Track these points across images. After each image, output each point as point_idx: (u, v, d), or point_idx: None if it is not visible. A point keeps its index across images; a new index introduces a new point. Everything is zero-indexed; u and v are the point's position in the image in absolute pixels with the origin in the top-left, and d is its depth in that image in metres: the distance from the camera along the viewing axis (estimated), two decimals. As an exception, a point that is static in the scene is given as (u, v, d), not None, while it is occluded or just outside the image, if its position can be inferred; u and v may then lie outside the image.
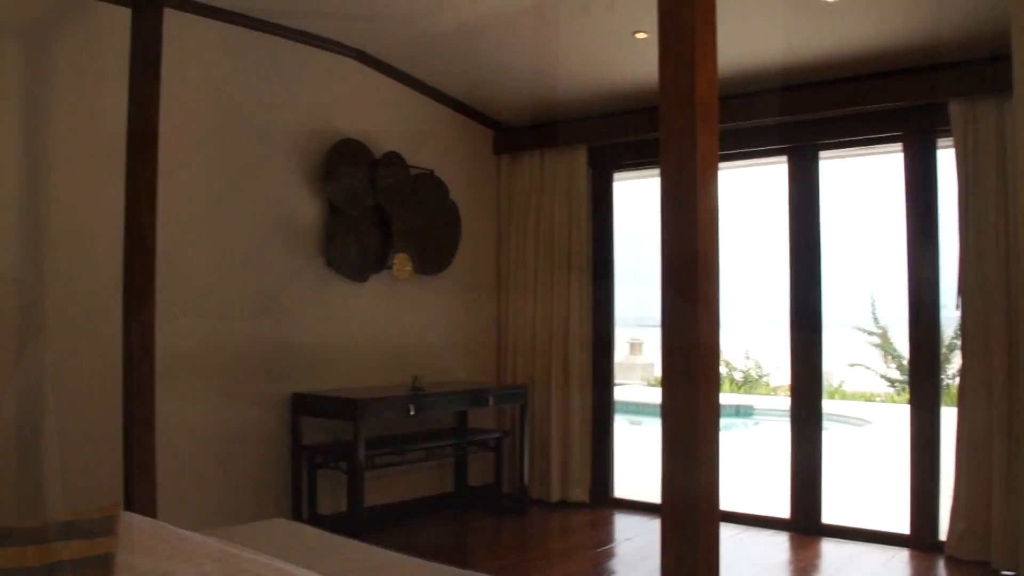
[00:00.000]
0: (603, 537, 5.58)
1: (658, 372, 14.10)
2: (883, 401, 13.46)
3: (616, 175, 6.51)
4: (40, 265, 4.26)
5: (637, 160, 6.29)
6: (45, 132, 4.29)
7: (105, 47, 4.36)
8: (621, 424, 6.70)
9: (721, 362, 4.75)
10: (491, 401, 5.87)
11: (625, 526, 5.82)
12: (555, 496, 6.31)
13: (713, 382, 2.16)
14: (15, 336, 4.17)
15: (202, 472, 4.84)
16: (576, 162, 6.34)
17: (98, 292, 4.35)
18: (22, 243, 4.20)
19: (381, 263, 5.73)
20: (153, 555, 2.47)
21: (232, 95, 5.04)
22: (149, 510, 3.60)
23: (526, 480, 6.13)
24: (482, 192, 6.63)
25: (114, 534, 2.63)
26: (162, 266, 4.16)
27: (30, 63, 4.24)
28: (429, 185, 6.04)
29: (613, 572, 4.80)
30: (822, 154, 5.56)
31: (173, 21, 4.17)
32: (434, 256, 6.07)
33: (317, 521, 5.08)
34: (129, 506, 3.55)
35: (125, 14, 3.83)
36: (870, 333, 13.32)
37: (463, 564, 3.40)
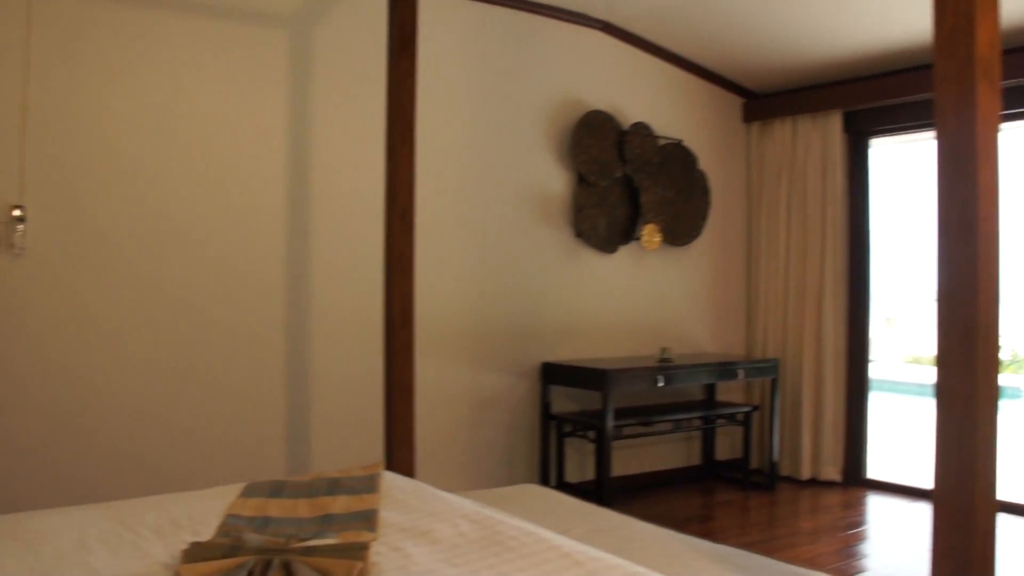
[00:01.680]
0: (855, 519, 5.35)
1: (916, 349, 13.31)
2: None
3: (873, 140, 6.17)
4: (306, 239, 4.53)
5: (898, 124, 5.93)
6: (310, 115, 4.55)
7: (363, 31, 4.58)
8: (876, 402, 6.37)
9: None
10: (741, 374, 5.74)
11: (879, 508, 5.56)
12: (805, 474, 6.11)
13: (992, 362, 2.01)
14: (283, 312, 4.48)
15: (455, 436, 5.03)
16: (830, 128, 6.07)
17: (361, 263, 4.61)
18: (290, 218, 4.48)
19: (630, 234, 5.71)
20: (413, 513, 2.57)
21: (483, 72, 5.16)
22: (407, 470, 3.75)
23: (775, 456, 5.96)
24: (732, 161, 6.47)
25: (377, 491, 2.77)
26: (420, 237, 4.35)
27: (295, 50, 4.51)
28: (678, 155, 5.96)
29: (866, 556, 4.60)
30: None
31: (426, 2, 4.31)
32: (683, 227, 5.99)
33: (564, 489, 5.16)
34: (389, 465, 3.72)
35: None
36: None
37: (709, 538, 3.35)
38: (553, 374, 5.32)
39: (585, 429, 5.26)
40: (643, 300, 5.89)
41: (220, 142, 4.27)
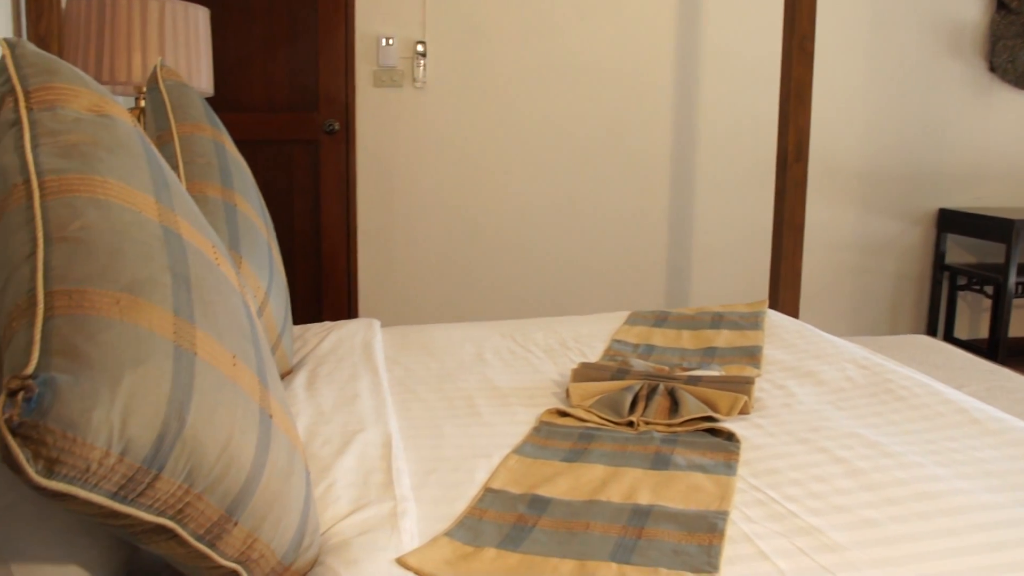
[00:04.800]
0: None
1: None
2: None
3: None
4: (696, 67, 4.46)
5: None
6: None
7: None
8: None
9: None
10: None
11: None
12: None
13: None
14: (669, 148, 4.47)
15: (839, 280, 4.87)
16: None
17: (753, 94, 4.49)
18: (679, 45, 4.42)
19: (1054, 69, 5.08)
20: (797, 353, 2.53)
21: None
22: (792, 311, 3.69)
23: None
24: None
25: (761, 329, 2.75)
26: (817, 68, 4.14)
27: None
28: (1124, -24, 5.16)
29: None
30: None
31: None
32: (1121, 61, 5.23)
33: (952, 344, 4.86)
34: (773, 305, 3.68)
35: None
36: None
37: None
38: (950, 222, 4.94)
39: (982, 283, 4.89)
40: (1065, 144, 5.27)
41: (612, -29, 4.27)
